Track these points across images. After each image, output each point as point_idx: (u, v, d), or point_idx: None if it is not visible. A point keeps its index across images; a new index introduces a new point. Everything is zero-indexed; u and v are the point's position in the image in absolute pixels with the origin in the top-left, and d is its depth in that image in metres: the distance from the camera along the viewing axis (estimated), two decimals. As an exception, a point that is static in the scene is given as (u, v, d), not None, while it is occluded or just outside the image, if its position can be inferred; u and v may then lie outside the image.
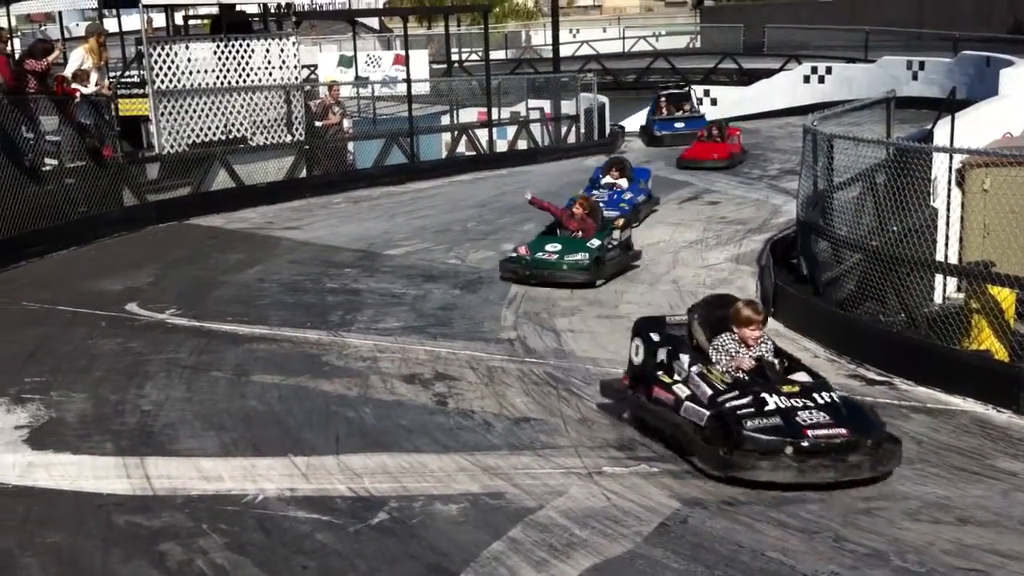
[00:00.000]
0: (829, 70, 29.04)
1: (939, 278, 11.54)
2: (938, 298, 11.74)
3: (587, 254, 11.43)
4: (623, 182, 15.64)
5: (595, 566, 5.08)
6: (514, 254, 11.68)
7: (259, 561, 5.10)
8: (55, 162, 13.65)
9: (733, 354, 6.71)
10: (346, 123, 20.08)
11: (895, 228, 9.63)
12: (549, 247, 11.61)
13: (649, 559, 5.17)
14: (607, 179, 15.78)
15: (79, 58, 14.04)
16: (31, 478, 6.08)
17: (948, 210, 12.96)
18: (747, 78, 31.99)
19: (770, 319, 10.21)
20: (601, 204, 13.51)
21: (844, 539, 5.42)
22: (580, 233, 11.99)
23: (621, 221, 12.68)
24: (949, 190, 12.95)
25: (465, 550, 5.24)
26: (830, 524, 5.61)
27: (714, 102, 29.96)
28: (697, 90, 29.84)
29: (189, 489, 5.97)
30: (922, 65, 26.44)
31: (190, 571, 4.99)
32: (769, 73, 31.17)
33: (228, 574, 4.96)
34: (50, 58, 13.50)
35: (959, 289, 11.03)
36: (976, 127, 14.38)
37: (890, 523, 5.64)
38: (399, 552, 5.24)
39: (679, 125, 24.42)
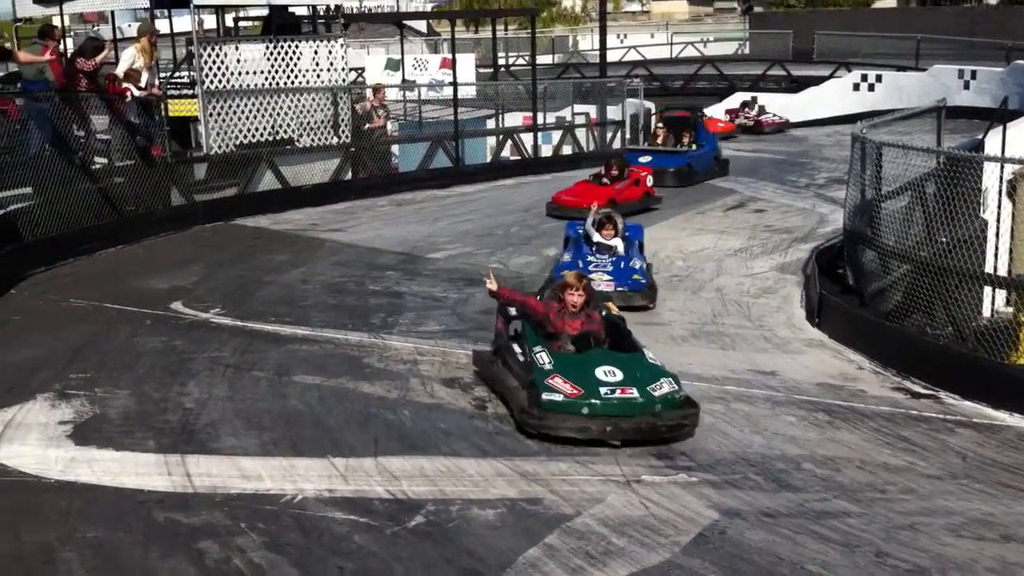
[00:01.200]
0: (879, 78, 28.76)
1: (988, 291, 11.37)
2: (987, 311, 11.57)
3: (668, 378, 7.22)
4: (619, 244, 11.43)
5: (631, 575, 5.04)
6: (555, 396, 6.91)
7: (296, 561, 5.12)
8: (105, 161, 13.83)
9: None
10: (390, 126, 20.16)
11: (944, 239, 9.49)
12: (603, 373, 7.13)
13: (686, 569, 5.13)
14: (599, 238, 11.43)
15: (130, 57, 14.22)
16: (73, 473, 6.14)
17: (998, 221, 12.77)
18: (796, 85, 31.78)
19: (814, 329, 10.15)
20: (604, 279, 10.64)
21: (886, 554, 5.34)
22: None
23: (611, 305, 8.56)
24: (1000, 201, 12.76)
25: (501, 555, 5.23)
26: (872, 538, 5.54)
27: (762, 110, 29.76)
28: (745, 96, 29.63)
29: (229, 488, 6.01)
30: (974, 74, 26.12)
31: (228, 569, 5.02)
32: (818, 80, 30.93)
33: (265, 573, 4.98)
34: (100, 57, 13.67)
35: (1008, 303, 10.85)
36: (1029, 137, 14.16)
37: (933, 538, 5.56)
38: (435, 555, 5.24)
39: (644, 159, 18.53)
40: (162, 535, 5.38)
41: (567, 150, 23.27)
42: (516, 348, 7.70)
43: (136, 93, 13.98)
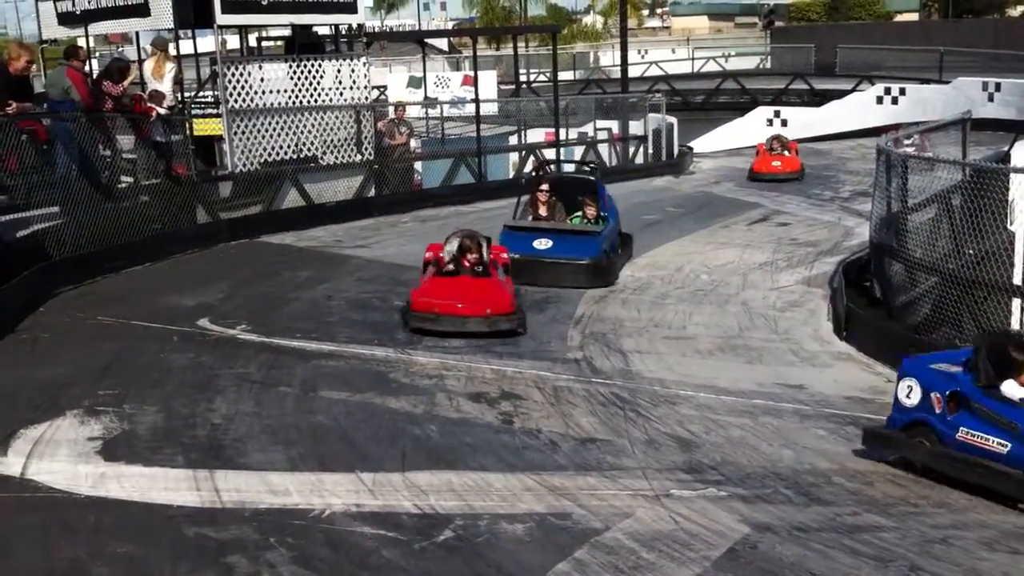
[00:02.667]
0: (903, 91, 28.62)
1: (1016, 303, 11.27)
2: (1015, 323, 11.46)
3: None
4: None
5: (662, 589, 5.01)
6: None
7: (325, 576, 5.12)
8: (131, 179, 13.92)
9: None
10: (413, 143, 20.21)
11: (971, 251, 9.42)
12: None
13: (718, 584, 5.09)
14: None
15: (146, 74, 14.35)
16: (103, 489, 6.16)
17: (1026, 233, 12.66)
18: (818, 99, 31.69)
19: (842, 342, 10.09)
20: None
21: (919, 568, 5.28)
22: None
23: None
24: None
25: (530, 570, 5.20)
26: (905, 553, 5.48)
27: (784, 123, 29.69)
28: (767, 111, 29.49)
29: (257, 503, 6.01)
30: (998, 87, 25.97)
31: (257, 584, 5.02)
32: (841, 94, 30.81)
33: (294, 588, 4.98)
34: (126, 82, 13.80)
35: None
36: (1055, 149, 14.05)
37: (967, 552, 5.50)
38: (464, 570, 5.22)
39: (541, 246, 12.53)
40: (191, 550, 5.38)
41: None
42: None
43: (161, 112, 14.08)
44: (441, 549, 5.46)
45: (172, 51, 15.39)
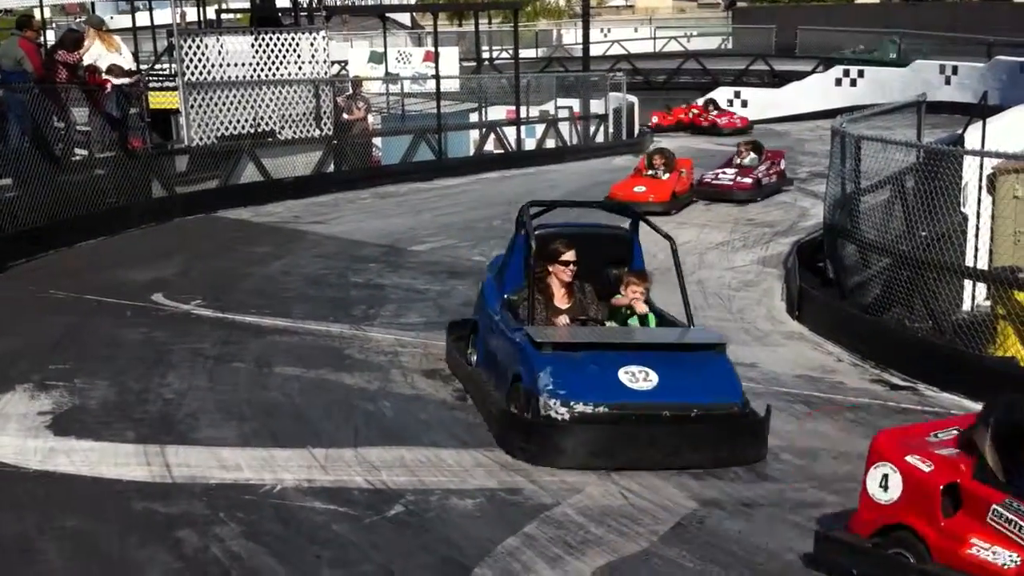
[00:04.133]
0: (861, 73, 28.89)
1: (968, 287, 11.43)
2: (966, 306, 11.64)
3: None
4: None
5: (610, 564, 5.07)
6: None
7: (275, 550, 5.12)
8: (85, 152, 13.77)
9: None
10: (371, 118, 20.12)
11: (924, 234, 9.55)
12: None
13: (664, 558, 5.15)
14: None
15: (98, 52, 14.14)
16: (52, 463, 6.12)
17: (979, 216, 12.84)
18: (778, 80, 31.91)
19: (795, 322, 10.20)
20: None
21: (862, 543, 5.37)
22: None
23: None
24: (980, 196, 12.83)
25: (480, 545, 5.24)
26: (848, 528, 5.56)
27: (744, 104, 29.85)
28: (727, 91, 29.76)
29: (208, 478, 6.00)
30: (955, 70, 26.27)
31: (205, 558, 5.02)
32: (801, 75, 31.06)
33: (243, 562, 4.98)
34: (81, 51, 13.62)
35: (988, 298, 10.94)
36: (1008, 133, 14.22)
37: (909, 528, 5.58)
38: (414, 544, 5.25)
39: (637, 381, 6.43)
40: (140, 524, 5.37)
41: (551, 144, 23.28)
42: None
43: (116, 82, 13.90)
44: (391, 524, 5.49)
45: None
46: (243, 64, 16.31)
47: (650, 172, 16.40)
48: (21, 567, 4.87)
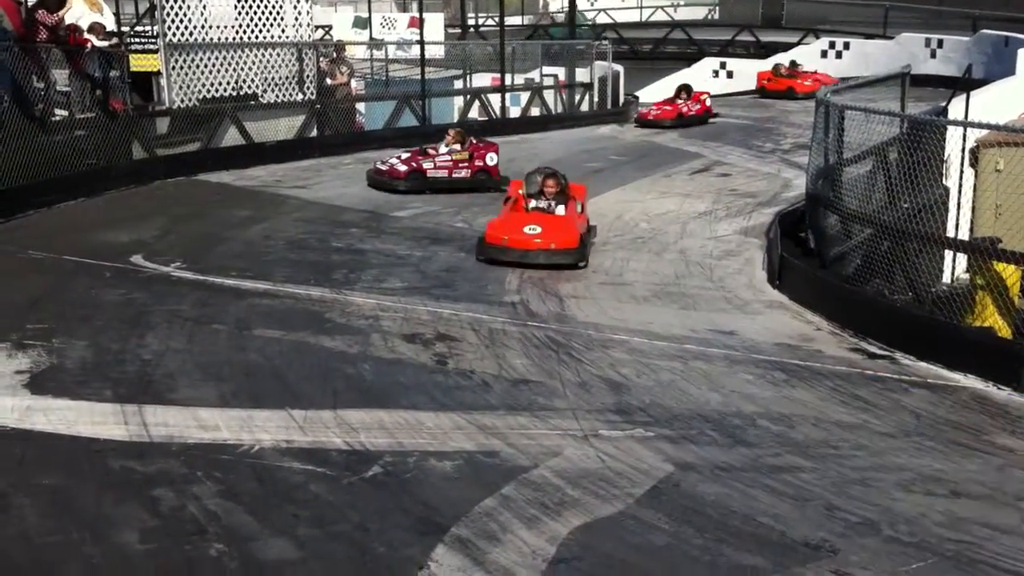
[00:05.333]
0: (847, 45, 28.86)
1: (948, 259, 11.50)
2: (946, 278, 11.70)
3: None
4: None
5: (585, 525, 5.09)
6: None
7: (251, 509, 5.12)
8: (65, 113, 13.64)
9: None
10: (355, 83, 19.99)
11: (906, 205, 9.57)
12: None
13: (639, 520, 5.18)
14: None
15: (80, 11, 13.99)
16: (29, 421, 6.10)
17: (960, 189, 12.90)
18: (764, 51, 31.81)
19: (775, 291, 10.24)
20: None
21: (836, 507, 5.42)
22: None
23: None
24: (962, 169, 12.87)
25: (457, 505, 5.25)
26: (823, 493, 5.61)
27: (730, 75, 29.78)
28: (713, 62, 29.67)
29: (186, 437, 5.99)
30: (940, 43, 26.27)
31: (182, 516, 5.02)
32: (787, 47, 30.99)
33: (219, 520, 4.98)
34: (63, 12, 13.46)
35: (968, 270, 11.00)
36: (991, 107, 14.28)
37: (883, 493, 5.64)
38: (391, 505, 5.26)
39: None
40: (117, 482, 5.36)
41: (535, 112, 23.20)
42: None
43: (97, 43, 13.76)
44: (369, 484, 5.50)
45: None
46: (226, 27, 16.15)
47: (534, 205, 11.36)
48: (-3, 523, 4.86)
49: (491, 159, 15.25)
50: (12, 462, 5.56)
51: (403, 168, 14.70)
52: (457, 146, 15.05)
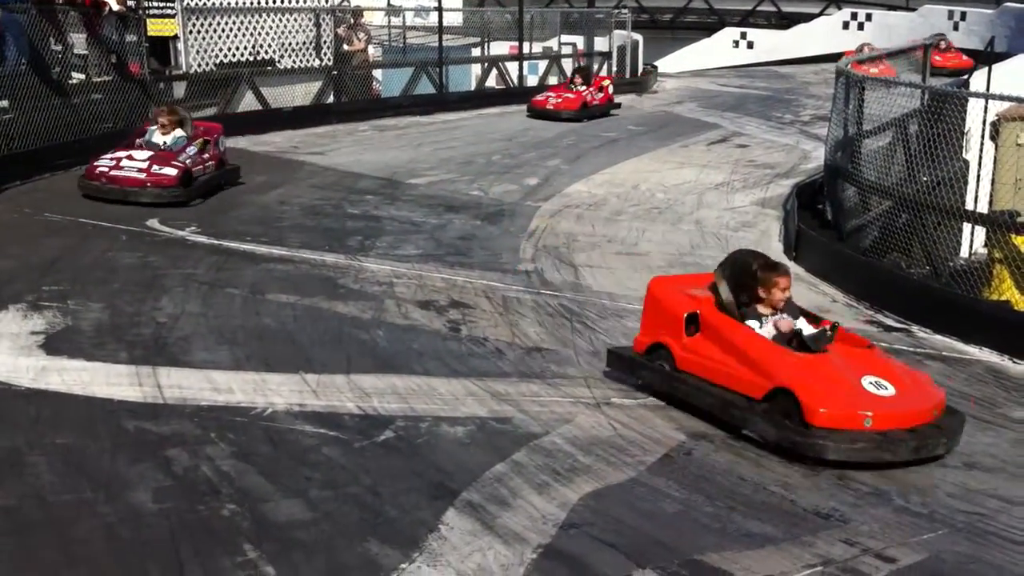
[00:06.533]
0: (869, 17, 28.58)
1: (966, 234, 11.40)
2: (964, 252, 11.62)
3: None
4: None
5: (596, 491, 5.10)
6: None
7: (264, 471, 5.15)
8: (82, 76, 13.64)
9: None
10: (371, 50, 19.92)
11: (925, 179, 9.49)
12: None
13: (650, 487, 5.18)
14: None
15: None
16: (44, 381, 6.13)
17: (980, 162, 12.77)
18: (786, 22, 31.54)
19: (791, 263, 10.18)
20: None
21: (848, 478, 5.41)
22: None
23: None
24: (982, 143, 12.75)
25: (468, 470, 5.27)
26: (835, 463, 5.60)
27: (750, 45, 29.55)
28: (734, 32, 29.37)
29: (199, 399, 6.01)
30: (963, 15, 26.00)
31: (195, 476, 5.05)
32: (808, 18, 30.71)
33: (232, 481, 5.01)
34: (80, -28, 13.44)
35: (985, 244, 10.92)
36: (1013, 79, 14.10)
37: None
38: (403, 469, 5.27)
39: None
40: (131, 443, 5.39)
41: (553, 81, 23.08)
42: None
43: (115, 7, 13.74)
44: (381, 448, 5.52)
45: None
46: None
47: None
48: (12, 481, 4.89)
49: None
50: (27, 421, 5.59)
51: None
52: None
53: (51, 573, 4.14)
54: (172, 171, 10.89)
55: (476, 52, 22.63)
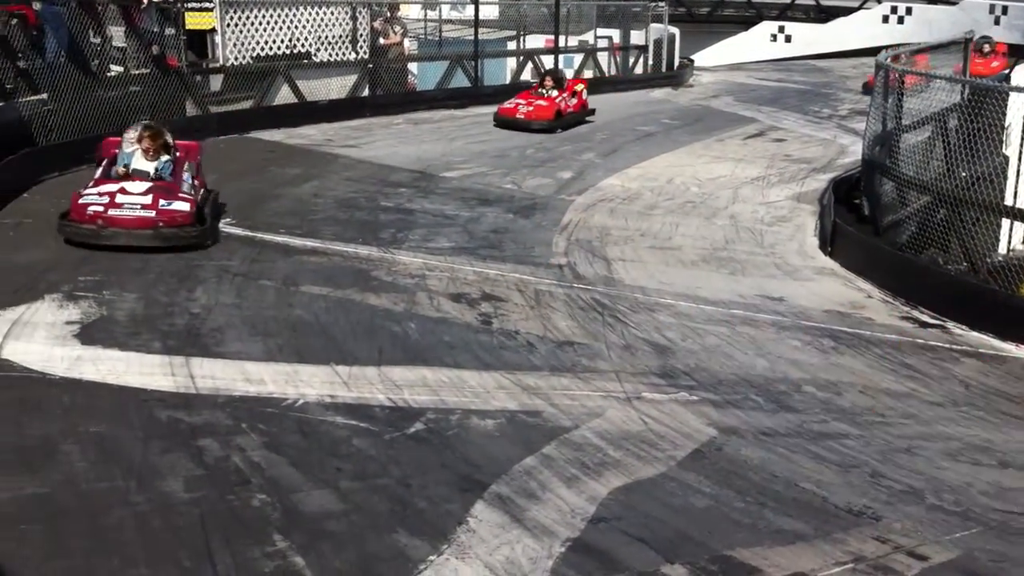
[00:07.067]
0: (909, 11, 28.24)
1: (1005, 229, 11.25)
2: (1003, 249, 11.46)
3: None
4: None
5: (626, 486, 5.07)
6: None
7: (295, 461, 5.17)
8: (120, 69, 13.76)
9: None
10: (407, 43, 19.94)
11: (964, 174, 9.37)
12: None
13: (680, 482, 5.16)
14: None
15: None
16: (78, 371, 6.18)
17: (1020, 158, 12.59)
18: (824, 15, 31.24)
19: (826, 258, 10.10)
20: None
21: (881, 475, 5.36)
22: None
23: None
24: (1023, 137, 12.55)
25: (498, 463, 5.26)
26: (868, 460, 5.55)
27: (788, 39, 29.32)
28: (771, 26, 29.13)
29: (232, 390, 6.05)
30: (1005, 10, 25.65)
31: (227, 466, 5.07)
32: (847, 11, 30.38)
33: (263, 471, 5.03)
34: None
35: (1024, 240, 10.76)
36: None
37: (929, 462, 5.57)
38: (433, 461, 5.28)
39: None
40: (163, 432, 5.43)
41: (588, 74, 23.01)
42: None
43: (154, 0, 13.85)
44: (411, 440, 5.52)
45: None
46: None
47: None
48: (45, 468, 4.94)
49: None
50: (61, 410, 5.64)
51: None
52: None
53: (83, 560, 4.18)
54: (184, 206, 9.05)
55: (512, 46, 22.60)
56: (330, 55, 17.09)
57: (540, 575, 4.24)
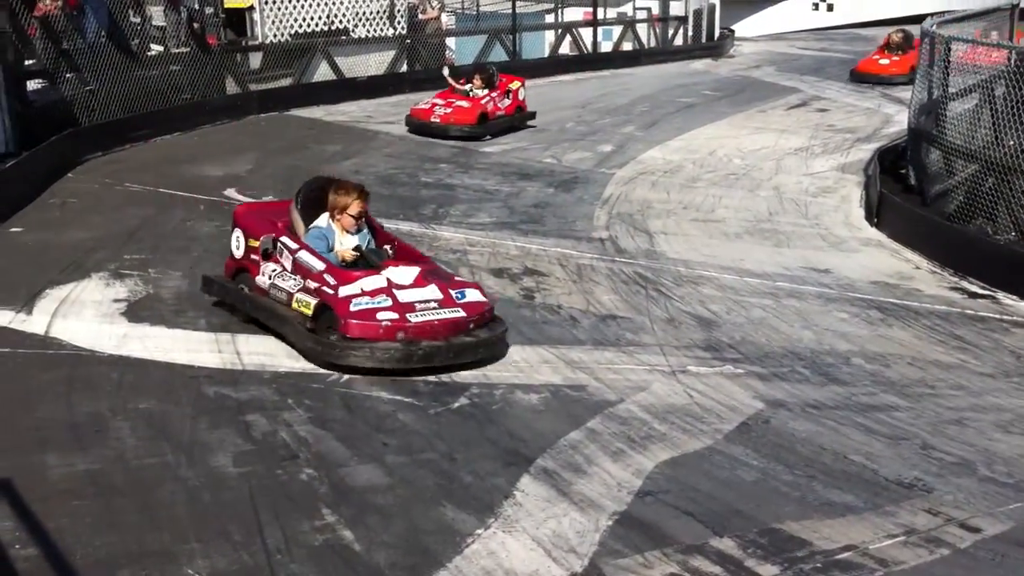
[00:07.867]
0: (952, -24, 27.67)
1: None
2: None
3: None
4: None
5: (672, 459, 5.04)
6: None
7: (340, 436, 5.19)
8: (160, 48, 13.83)
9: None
10: (444, 18, 19.86)
11: (1012, 142, 9.19)
12: None
13: (727, 455, 5.12)
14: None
15: None
16: (126, 348, 6.25)
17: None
18: (867, -17, 30.72)
19: (873, 229, 9.97)
20: None
21: (931, 447, 5.29)
22: None
23: None
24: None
25: (542, 437, 5.25)
26: (919, 432, 5.48)
27: (830, 8, 28.91)
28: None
29: (277, 366, 6.08)
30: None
31: (274, 441, 5.10)
32: (890, -21, 29.85)
33: (309, 446, 5.06)
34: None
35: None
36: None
37: (981, 434, 5.49)
38: (477, 435, 5.28)
39: None
40: (211, 408, 5.47)
41: (627, 47, 22.83)
42: None
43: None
44: (455, 415, 5.52)
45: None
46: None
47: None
48: (96, 445, 4.99)
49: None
50: (110, 386, 5.71)
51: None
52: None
53: (134, 535, 4.22)
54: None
55: (550, 19, 22.45)
56: (368, 31, 17.07)
57: (588, 548, 4.23)
